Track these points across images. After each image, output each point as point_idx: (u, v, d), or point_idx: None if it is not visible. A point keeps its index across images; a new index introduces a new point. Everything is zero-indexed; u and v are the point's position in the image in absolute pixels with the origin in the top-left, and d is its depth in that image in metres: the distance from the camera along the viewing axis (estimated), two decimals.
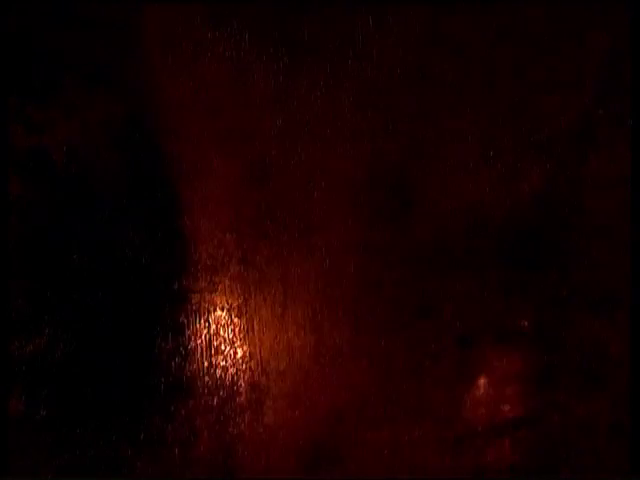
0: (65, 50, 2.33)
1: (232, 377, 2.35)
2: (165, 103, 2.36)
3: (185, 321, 2.35)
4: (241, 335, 2.36)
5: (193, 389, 2.34)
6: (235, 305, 2.36)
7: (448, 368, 2.37)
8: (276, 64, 2.37)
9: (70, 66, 2.33)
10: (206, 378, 2.35)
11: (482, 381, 2.36)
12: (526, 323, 2.36)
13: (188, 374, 2.34)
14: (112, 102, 2.34)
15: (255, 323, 2.36)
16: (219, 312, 2.35)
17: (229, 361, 2.35)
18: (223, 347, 2.35)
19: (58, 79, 2.33)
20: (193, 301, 2.35)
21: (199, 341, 2.35)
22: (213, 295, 2.35)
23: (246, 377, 2.35)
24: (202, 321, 2.35)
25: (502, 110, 2.37)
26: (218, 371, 2.35)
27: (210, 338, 2.35)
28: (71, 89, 2.33)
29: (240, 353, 2.36)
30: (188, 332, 2.35)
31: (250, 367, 2.36)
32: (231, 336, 2.36)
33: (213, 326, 2.35)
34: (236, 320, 2.36)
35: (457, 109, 2.37)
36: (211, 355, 2.35)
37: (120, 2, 2.35)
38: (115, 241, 2.34)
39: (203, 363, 2.35)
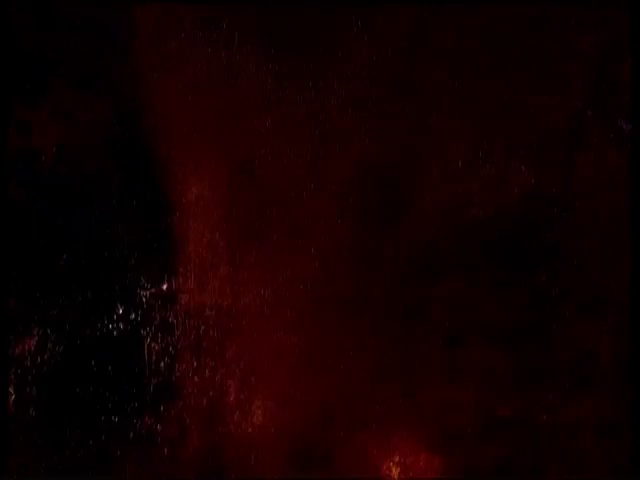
0: (54, 51, 2.33)
1: (221, 377, 2.36)
2: (154, 104, 2.36)
3: (174, 321, 2.35)
4: (230, 335, 2.36)
5: (182, 389, 2.35)
6: (224, 305, 2.36)
7: (437, 368, 2.37)
8: (265, 65, 2.37)
9: (59, 67, 2.33)
10: (195, 378, 2.35)
11: (471, 381, 2.37)
12: (515, 323, 2.36)
13: (177, 374, 2.35)
14: (101, 103, 2.35)
15: (244, 323, 2.36)
16: (208, 312, 2.36)
17: (218, 361, 2.36)
18: (212, 347, 2.36)
19: (47, 80, 2.33)
20: (182, 301, 2.36)
21: (188, 341, 2.35)
22: (202, 295, 2.36)
23: (235, 377, 2.36)
24: (191, 321, 2.36)
25: (491, 111, 2.37)
26: (207, 371, 2.35)
27: (199, 338, 2.36)
28: (60, 90, 2.33)
29: (229, 353, 2.36)
30: (177, 332, 2.35)
31: (239, 367, 2.36)
32: (220, 336, 2.36)
33: (202, 326, 2.36)
34: (225, 320, 2.36)
35: (446, 110, 2.37)
36: (200, 355, 2.35)
37: (110, 3, 2.35)
38: (104, 241, 2.34)
39: (192, 363, 2.35)
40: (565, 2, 2.37)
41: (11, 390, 2.29)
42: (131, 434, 2.33)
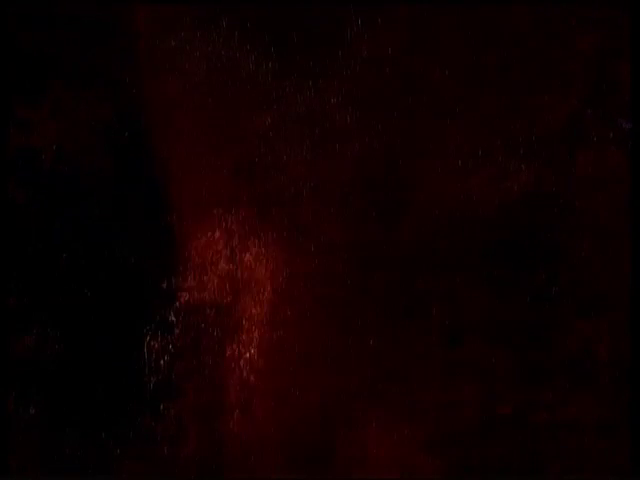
0: (53, 50, 2.34)
1: (221, 376, 2.36)
2: (153, 102, 2.37)
3: (174, 320, 2.35)
4: (230, 334, 2.36)
5: (182, 388, 2.35)
6: (224, 304, 2.36)
7: (436, 367, 2.37)
8: (265, 63, 2.37)
9: (59, 66, 2.33)
10: (195, 377, 2.35)
11: (470, 380, 2.36)
12: (515, 322, 2.36)
13: (177, 373, 2.35)
14: (100, 101, 2.35)
15: (244, 322, 2.36)
16: (208, 311, 2.36)
17: (218, 360, 2.36)
18: (212, 346, 2.36)
19: (46, 79, 2.33)
20: (182, 300, 2.36)
21: (188, 340, 2.35)
22: (202, 294, 2.36)
23: (235, 376, 2.36)
24: (191, 320, 2.36)
25: (491, 109, 2.38)
26: (207, 370, 2.35)
27: (199, 337, 2.36)
28: (59, 88, 2.33)
29: (229, 352, 2.36)
30: (177, 331, 2.35)
31: (239, 366, 2.36)
32: (220, 335, 2.36)
33: (202, 325, 2.36)
34: (225, 319, 2.36)
35: (446, 109, 2.38)
36: (200, 354, 2.35)
37: (110, 3, 2.35)
38: (104, 240, 2.34)
39: (192, 362, 2.35)
40: (565, 2, 2.38)
41: (11, 389, 2.29)
42: (130, 433, 2.32)
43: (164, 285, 2.35)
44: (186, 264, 2.36)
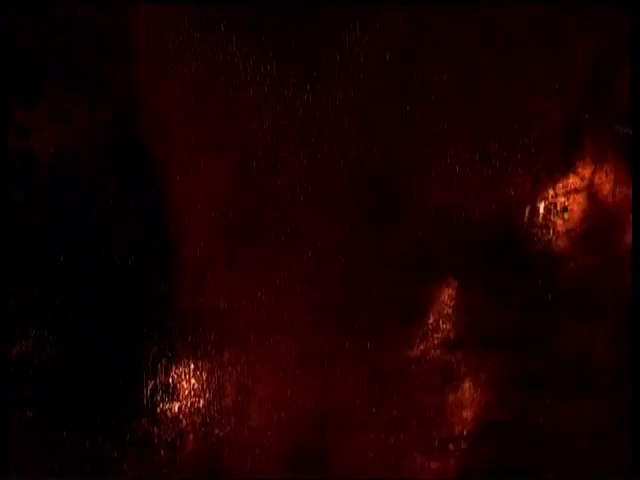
0: (52, 52, 2.33)
1: (218, 379, 2.36)
2: (151, 105, 2.36)
3: (171, 323, 2.35)
4: (227, 338, 2.36)
5: (179, 391, 2.35)
6: (221, 307, 2.36)
7: (433, 371, 2.37)
8: (263, 67, 2.37)
9: (56, 68, 2.33)
10: (192, 380, 2.35)
11: (467, 384, 2.36)
12: (511, 327, 2.36)
13: (174, 376, 2.35)
14: (98, 104, 2.35)
15: (241, 326, 2.36)
16: (205, 315, 2.36)
17: (215, 363, 2.36)
18: (209, 349, 2.36)
19: (44, 81, 2.33)
20: (179, 303, 2.36)
21: (185, 343, 2.35)
22: (199, 297, 2.36)
23: (232, 380, 2.36)
24: (188, 323, 2.36)
25: (488, 114, 2.37)
26: (204, 373, 2.36)
27: (196, 341, 2.36)
28: (57, 91, 2.33)
29: (226, 356, 2.36)
30: (174, 334, 2.35)
31: (236, 370, 2.36)
32: (217, 339, 2.36)
33: (199, 328, 2.36)
34: (222, 323, 2.36)
35: (443, 113, 2.37)
36: (197, 357, 2.36)
37: (107, 3, 2.35)
38: (102, 243, 2.34)
39: (189, 365, 2.35)
40: (565, 2, 2.37)
41: (10, 392, 2.29)
42: (128, 436, 2.33)
43: (161, 289, 2.35)
44: (183, 268, 2.36)
